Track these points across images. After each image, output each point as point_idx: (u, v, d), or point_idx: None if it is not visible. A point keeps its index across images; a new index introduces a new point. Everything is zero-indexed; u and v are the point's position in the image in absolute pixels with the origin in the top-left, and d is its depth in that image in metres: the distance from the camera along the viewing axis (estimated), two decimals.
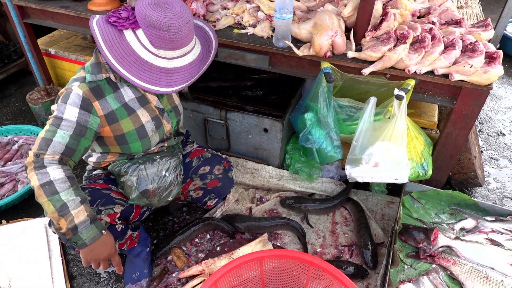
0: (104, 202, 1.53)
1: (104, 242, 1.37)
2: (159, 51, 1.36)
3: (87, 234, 1.31)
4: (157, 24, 1.31)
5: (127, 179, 1.60)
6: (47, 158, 1.31)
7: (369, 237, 1.93)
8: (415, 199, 2.02)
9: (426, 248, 1.72)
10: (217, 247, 1.85)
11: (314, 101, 1.92)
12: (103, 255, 1.37)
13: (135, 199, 1.61)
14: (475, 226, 1.85)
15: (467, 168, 2.10)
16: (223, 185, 1.90)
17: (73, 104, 1.38)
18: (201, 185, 1.86)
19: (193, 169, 1.85)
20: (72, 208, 1.28)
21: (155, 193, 1.63)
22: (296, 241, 2.00)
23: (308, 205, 2.11)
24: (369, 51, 1.75)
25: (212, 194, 1.92)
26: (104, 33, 1.36)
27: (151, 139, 1.62)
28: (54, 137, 1.33)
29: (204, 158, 1.87)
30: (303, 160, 2.22)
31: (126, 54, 1.36)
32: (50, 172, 1.29)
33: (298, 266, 1.29)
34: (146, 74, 1.37)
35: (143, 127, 1.57)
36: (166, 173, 1.66)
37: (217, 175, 1.86)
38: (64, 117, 1.36)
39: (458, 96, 1.76)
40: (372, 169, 1.79)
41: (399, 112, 1.72)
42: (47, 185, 1.28)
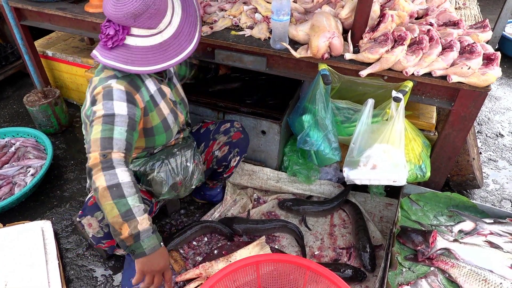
0: None
1: (161, 254, 1.33)
2: (160, 27, 1.38)
3: (148, 243, 1.28)
4: (139, 10, 1.31)
5: (155, 176, 1.62)
6: (115, 157, 1.30)
7: (367, 240, 1.92)
8: (414, 201, 2.01)
9: (425, 250, 1.71)
10: (215, 250, 1.84)
11: (312, 103, 1.91)
12: (160, 267, 1.32)
13: (166, 194, 1.64)
14: (473, 229, 1.85)
15: (466, 170, 2.09)
16: (245, 138, 1.96)
17: (120, 99, 1.38)
18: (226, 140, 1.91)
19: (213, 131, 1.94)
20: (137, 215, 1.26)
21: (182, 184, 1.67)
22: (294, 244, 1.99)
23: (306, 208, 2.10)
24: (366, 52, 1.75)
25: (237, 149, 1.94)
26: (117, 55, 1.38)
27: (173, 131, 1.68)
28: (113, 134, 1.32)
29: (219, 121, 1.99)
30: (301, 162, 2.21)
31: (143, 54, 1.40)
32: (119, 174, 1.27)
33: (295, 270, 1.28)
34: (150, 56, 1.40)
35: (165, 119, 1.62)
36: (188, 163, 1.71)
37: (238, 128, 1.94)
38: (116, 113, 1.35)
39: (456, 97, 1.75)
40: (370, 172, 1.79)
41: (397, 114, 1.71)
42: (114, 187, 1.25)
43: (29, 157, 2.41)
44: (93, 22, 2.27)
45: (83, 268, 1.88)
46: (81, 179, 2.41)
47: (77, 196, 2.30)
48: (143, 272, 1.31)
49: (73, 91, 3.00)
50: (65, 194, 2.31)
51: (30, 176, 2.30)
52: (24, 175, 2.31)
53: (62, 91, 3.00)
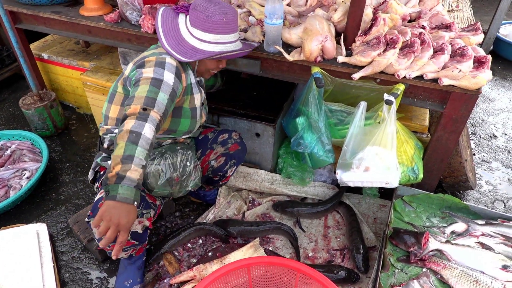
0: (144, 205, 1.58)
1: (128, 210, 1.28)
2: (193, 30, 1.58)
3: (124, 191, 1.26)
4: (198, 7, 1.55)
5: (153, 167, 1.62)
6: (153, 115, 1.39)
7: (360, 241, 1.94)
8: (407, 203, 2.03)
9: (417, 252, 1.73)
10: (209, 252, 1.85)
11: (305, 106, 1.92)
12: (118, 221, 1.26)
13: (160, 187, 1.63)
14: (465, 230, 1.86)
15: (458, 172, 2.11)
16: (242, 149, 2.01)
17: (170, 71, 1.52)
18: (223, 151, 1.95)
19: (211, 140, 1.97)
20: (134, 163, 1.29)
21: (178, 181, 1.67)
22: (288, 246, 2.00)
23: (301, 209, 2.12)
24: (359, 56, 1.76)
25: (233, 160, 1.98)
26: (165, 14, 1.66)
27: (197, 123, 1.79)
28: (158, 97, 1.43)
29: (218, 130, 2.02)
30: (296, 164, 2.23)
31: (171, 30, 1.62)
32: (146, 128, 1.35)
33: (286, 273, 1.29)
34: (178, 46, 1.60)
35: (195, 109, 1.74)
36: (188, 162, 1.71)
37: (236, 140, 1.99)
38: (165, 80, 1.48)
39: (447, 100, 1.77)
40: (362, 174, 1.80)
41: (389, 117, 1.73)
42: (135, 134, 1.32)
43: (25, 160, 2.42)
44: (88, 25, 2.28)
45: (78, 271, 1.89)
46: (76, 182, 2.42)
47: (72, 199, 2.30)
48: (101, 216, 1.26)
49: (68, 93, 3.01)
50: (61, 197, 2.32)
51: (25, 179, 2.30)
52: (19, 178, 2.32)
53: (58, 94, 3.00)
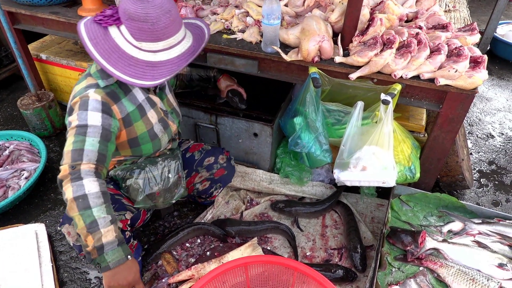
0: (117, 207, 1.55)
1: (129, 267, 1.29)
2: (141, 44, 1.34)
3: (113, 256, 1.25)
4: (135, 16, 1.29)
5: (133, 182, 1.62)
6: (83, 168, 1.29)
7: (358, 240, 1.95)
8: (404, 202, 2.04)
9: (414, 251, 1.74)
10: (207, 252, 1.86)
11: (302, 106, 1.93)
12: (127, 281, 1.28)
13: (141, 202, 1.64)
14: (462, 229, 1.87)
15: (455, 171, 2.12)
16: (228, 173, 1.98)
17: (95, 109, 1.37)
18: (208, 176, 1.91)
19: (197, 162, 1.91)
20: (101, 226, 1.24)
21: (160, 194, 1.66)
22: (286, 245, 2.01)
23: (299, 209, 2.13)
24: (356, 56, 1.77)
25: (219, 184, 1.98)
26: (90, 31, 1.36)
27: (161, 140, 1.67)
28: (85, 146, 1.32)
29: (206, 151, 1.93)
30: (294, 164, 2.24)
31: (111, 50, 1.35)
32: (86, 184, 1.27)
33: (283, 271, 1.30)
34: (131, 68, 1.35)
35: (153, 129, 1.61)
36: (169, 174, 1.70)
37: (222, 164, 1.92)
38: (89, 123, 1.35)
39: (444, 100, 1.78)
40: (360, 173, 1.81)
41: (386, 117, 1.74)
42: (80, 198, 1.25)
43: (23, 160, 2.42)
44: None
45: (77, 271, 1.90)
46: None
47: None
48: (109, 286, 1.27)
49: (67, 94, 3.01)
50: (59, 197, 2.32)
51: (24, 179, 2.31)
52: (18, 178, 2.32)
53: (56, 94, 3.01)
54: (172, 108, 1.76)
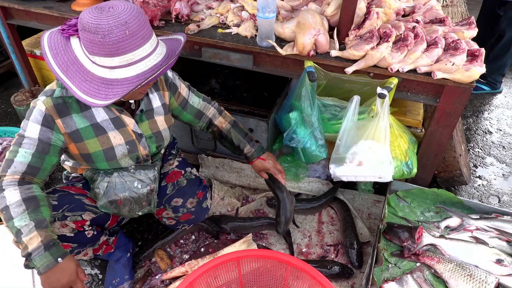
0: (72, 208, 1.49)
1: (61, 270, 1.26)
2: (94, 58, 1.19)
3: (40, 262, 1.23)
4: (86, 26, 1.15)
5: (95, 186, 1.55)
6: (6, 180, 1.28)
7: (354, 237, 1.93)
8: (401, 198, 2.02)
9: (411, 246, 1.72)
10: (202, 248, 1.84)
11: (298, 100, 1.91)
12: (60, 284, 1.26)
13: (103, 207, 1.56)
14: (460, 224, 1.85)
15: (452, 166, 2.10)
16: (196, 218, 1.82)
17: (35, 121, 1.32)
18: (173, 216, 1.78)
19: (167, 197, 1.73)
20: (24, 235, 1.22)
21: (123, 203, 1.57)
22: (282, 241, 1.99)
23: (295, 205, 2.10)
24: (352, 49, 1.75)
25: (185, 225, 1.86)
26: (52, 41, 1.26)
27: (120, 162, 1.53)
28: (16, 157, 1.30)
29: (178, 187, 1.74)
30: (290, 160, 2.21)
31: (70, 63, 1.24)
32: (7, 195, 1.25)
33: (276, 266, 1.28)
34: (86, 84, 1.22)
35: (112, 149, 1.48)
36: (139, 185, 1.58)
37: (190, 209, 1.75)
38: (26, 134, 1.32)
39: (441, 94, 1.76)
40: (356, 168, 1.79)
41: (382, 111, 1.72)
42: (4, 210, 1.24)
43: None
44: None
45: None
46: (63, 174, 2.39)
47: None
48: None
49: None
50: None
51: None
52: None
53: None
54: (154, 133, 1.58)
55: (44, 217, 1.28)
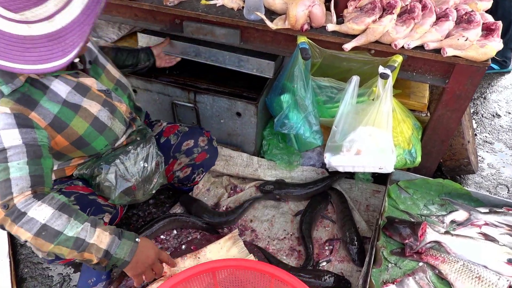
0: (93, 211, 1.34)
1: (145, 247, 1.24)
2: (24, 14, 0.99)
3: (123, 252, 1.17)
4: None
5: (102, 179, 1.40)
6: (19, 201, 1.07)
7: (355, 231, 1.76)
8: (402, 189, 1.84)
9: (413, 244, 1.55)
10: (183, 245, 1.67)
11: (290, 81, 1.71)
12: (151, 260, 1.25)
13: (117, 199, 1.43)
14: (467, 219, 1.69)
15: (460, 154, 1.92)
16: (211, 156, 1.75)
17: (8, 126, 1.10)
18: (188, 162, 1.69)
19: (174, 147, 1.66)
20: (89, 238, 1.10)
21: (137, 188, 1.46)
22: (274, 235, 1.82)
23: (289, 191, 1.94)
24: (351, 23, 1.54)
25: (201, 169, 1.76)
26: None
27: (114, 128, 1.39)
28: (10, 174, 1.08)
29: (183, 133, 1.68)
30: (282, 147, 2.03)
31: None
32: (36, 215, 1.06)
33: (259, 277, 1.11)
34: (30, 53, 1.02)
35: (97, 119, 1.33)
36: (145, 163, 1.48)
37: (204, 147, 1.69)
38: (6, 146, 1.09)
39: (451, 74, 1.56)
40: (353, 158, 1.61)
41: (384, 93, 1.52)
42: (43, 232, 1.06)
43: None
44: None
45: (39, 266, 1.71)
46: None
47: None
48: (138, 275, 1.25)
49: None
50: None
51: None
52: None
53: None
54: (116, 83, 1.45)
55: (91, 217, 1.18)
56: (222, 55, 1.89)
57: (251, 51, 1.84)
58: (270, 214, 1.92)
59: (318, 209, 1.88)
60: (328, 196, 1.96)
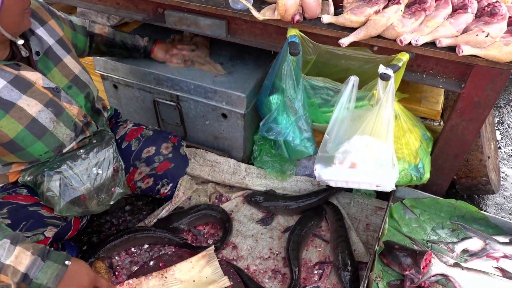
0: (31, 225, 1.19)
1: (76, 273, 1.06)
2: None
3: (46, 276, 1.00)
4: None
5: (45, 188, 1.24)
6: None
7: (349, 255, 1.53)
8: (408, 208, 1.60)
9: (414, 277, 1.32)
10: (151, 261, 1.49)
11: (279, 80, 1.50)
12: (84, 286, 1.06)
13: (63, 211, 1.27)
14: (482, 249, 1.43)
15: (477, 172, 1.65)
16: (177, 166, 1.58)
17: None
18: (149, 172, 1.52)
19: (135, 153, 1.50)
20: (5, 257, 0.95)
21: (88, 198, 1.29)
22: (256, 252, 1.61)
23: (279, 204, 1.72)
24: (349, 14, 1.32)
25: (165, 180, 1.58)
26: None
27: (56, 133, 1.23)
28: None
29: (146, 137, 1.52)
30: (274, 153, 1.81)
31: None
32: None
33: None
34: None
35: (35, 121, 1.17)
36: (99, 170, 1.31)
37: (166, 155, 1.53)
38: None
39: (467, 77, 1.31)
40: (347, 171, 1.38)
41: (385, 97, 1.29)
42: None
43: None
44: None
45: None
46: None
47: None
48: None
49: None
50: None
51: None
52: None
53: None
54: (71, 80, 1.28)
55: (13, 233, 1.02)
56: (186, 84, 1.69)
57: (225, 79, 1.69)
58: (256, 229, 1.71)
59: (310, 226, 1.66)
60: (323, 212, 1.73)
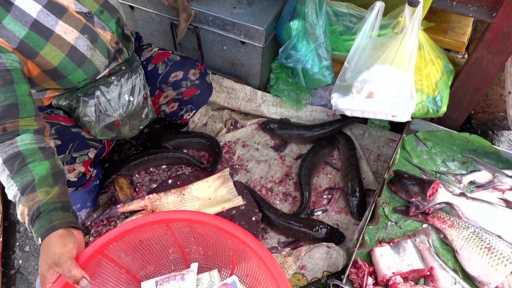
0: (77, 146, 1.23)
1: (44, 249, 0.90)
2: None
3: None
4: None
5: (81, 113, 1.27)
6: None
7: (358, 182, 1.60)
8: (420, 140, 1.63)
9: (419, 203, 1.38)
10: (169, 180, 1.57)
11: (301, 4, 1.44)
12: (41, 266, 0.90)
13: (99, 134, 1.32)
14: (489, 181, 1.48)
15: (496, 107, 1.63)
16: (202, 93, 1.56)
17: None
18: (175, 96, 1.52)
19: (161, 77, 1.48)
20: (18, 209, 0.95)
21: (122, 123, 1.34)
22: (270, 177, 1.69)
23: (293, 132, 1.77)
24: None
25: (190, 106, 1.59)
26: None
27: (94, 60, 1.22)
28: None
29: (173, 62, 1.49)
30: (291, 82, 1.81)
31: None
32: None
33: (221, 235, 0.97)
34: None
35: (74, 49, 1.15)
36: (130, 97, 1.33)
37: (194, 81, 1.50)
38: None
39: (500, 5, 1.24)
40: (364, 101, 1.38)
41: (411, 25, 1.24)
42: None
43: None
44: None
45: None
46: None
47: None
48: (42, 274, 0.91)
49: None
50: None
51: None
52: None
53: None
54: (101, 4, 1.22)
55: (31, 178, 0.96)
56: (205, 16, 1.63)
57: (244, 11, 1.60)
58: (269, 155, 1.77)
59: (322, 154, 1.71)
60: (335, 141, 1.77)
